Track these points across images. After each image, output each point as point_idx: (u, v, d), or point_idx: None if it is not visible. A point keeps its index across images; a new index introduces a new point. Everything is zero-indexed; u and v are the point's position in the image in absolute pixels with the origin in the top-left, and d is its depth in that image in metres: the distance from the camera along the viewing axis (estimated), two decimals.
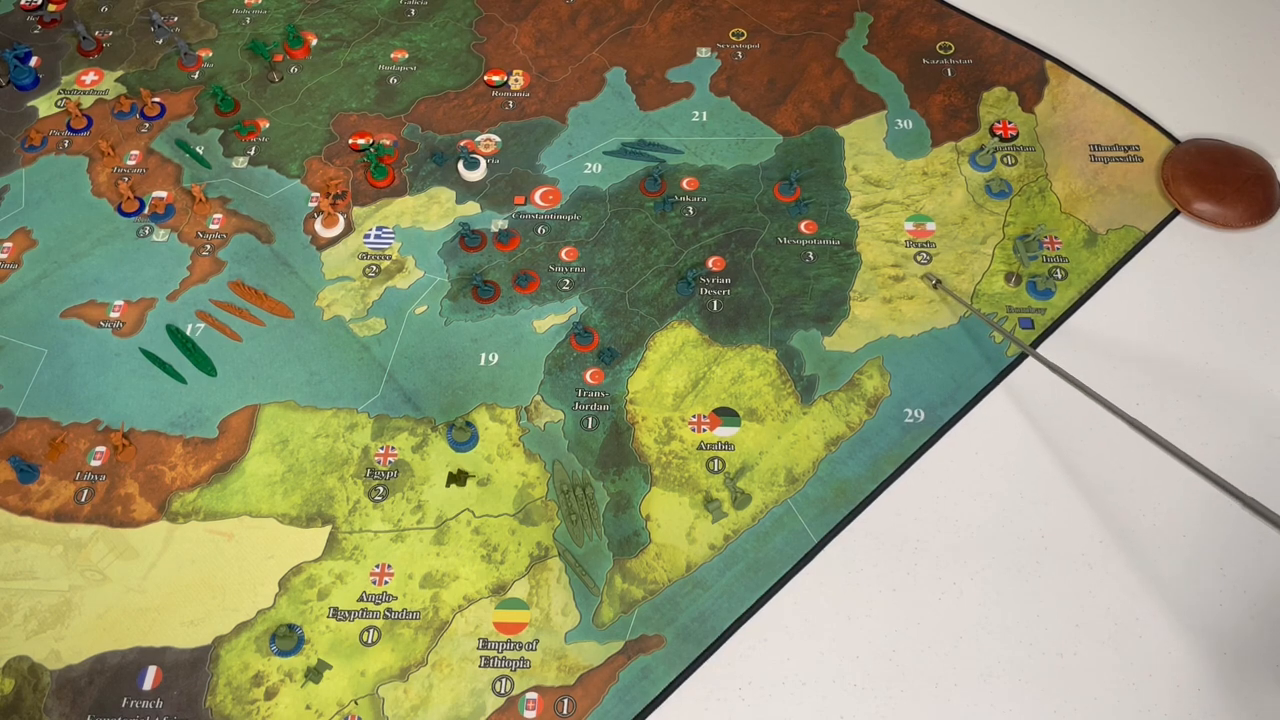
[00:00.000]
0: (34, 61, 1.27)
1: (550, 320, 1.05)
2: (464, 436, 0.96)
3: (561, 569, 0.91)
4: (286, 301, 1.07)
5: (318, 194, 1.14)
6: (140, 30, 1.30)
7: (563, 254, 1.10)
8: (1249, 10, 1.28)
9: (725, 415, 0.99)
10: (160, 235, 1.12)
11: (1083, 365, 1.01)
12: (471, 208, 1.13)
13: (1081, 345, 1.02)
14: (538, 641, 0.87)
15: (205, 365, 1.03)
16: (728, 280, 1.07)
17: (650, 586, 0.90)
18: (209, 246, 1.11)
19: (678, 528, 0.93)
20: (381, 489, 0.95)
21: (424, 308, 1.06)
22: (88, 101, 1.23)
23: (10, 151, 1.18)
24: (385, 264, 1.09)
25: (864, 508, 0.93)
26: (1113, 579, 0.89)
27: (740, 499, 0.94)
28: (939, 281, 1.01)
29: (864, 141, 1.17)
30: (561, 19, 1.30)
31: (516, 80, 1.24)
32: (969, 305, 1.01)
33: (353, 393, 1.01)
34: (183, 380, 1.02)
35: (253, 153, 1.18)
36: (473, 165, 1.15)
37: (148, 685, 0.86)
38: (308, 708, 0.85)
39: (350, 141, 1.19)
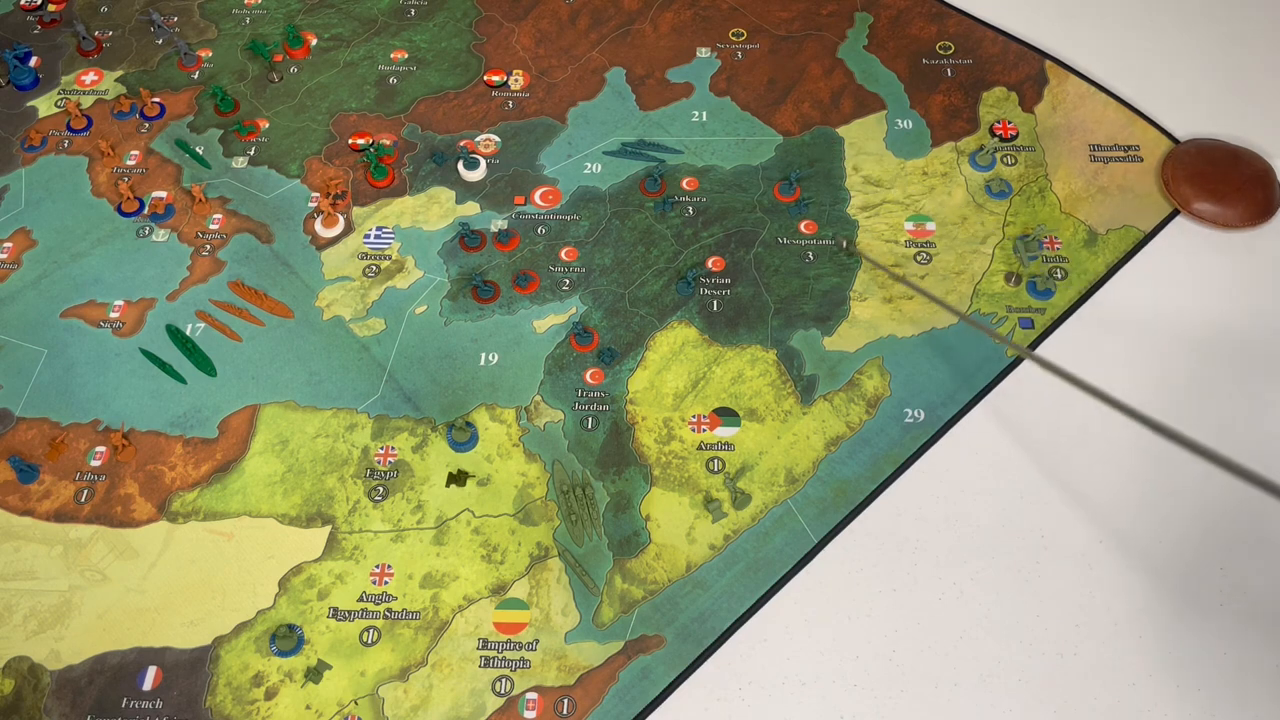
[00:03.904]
0: (34, 61, 1.27)
1: (550, 320, 1.05)
2: (464, 436, 0.96)
3: (561, 569, 0.91)
4: (286, 301, 1.07)
5: (318, 194, 1.14)
6: (140, 30, 1.30)
7: (563, 254, 1.10)
8: (1249, 11, 1.28)
9: (725, 415, 0.99)
10: (160, 235, 1.12)
11: (1082, 365, 1.01)
12: (471, 208, 1.14)
13: (1081, 345, 1.02)
14: (538, 641, 0.87)
15: (205, 365, 1.03)
16: (728, 280, 1.07)
17: (650, 586, 0.90)
18: (209, 246, 1.11)
19: (678, 528, 0.93)
20: (381, 489, 0.95)
21: (424, 308, 1.06)
22: (88, 101, 1.23)
23: (10, 151, 1.18)
24: (385, 264, 1.09)
25: (864, 508, 0.93)
26: (1113, 579, 0.89)
27: (740, 499, 0.94)
28: (849, 242, 1.01)
29: (864, 141, 1.17)
30: (561, 19, 1.30)
31: (516, 80, 1.24)
32: (894, 274, 1.01)
33: (353, 393, 1.01)
34: (183, 380, 1.02)
35: (253, 153, 1.18)
36: (473, 165, 1.15)
37: (148, 685, 0.86)
38: (308, 708, 0.85)
39: (350, 141, 1.19)
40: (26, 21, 1.32)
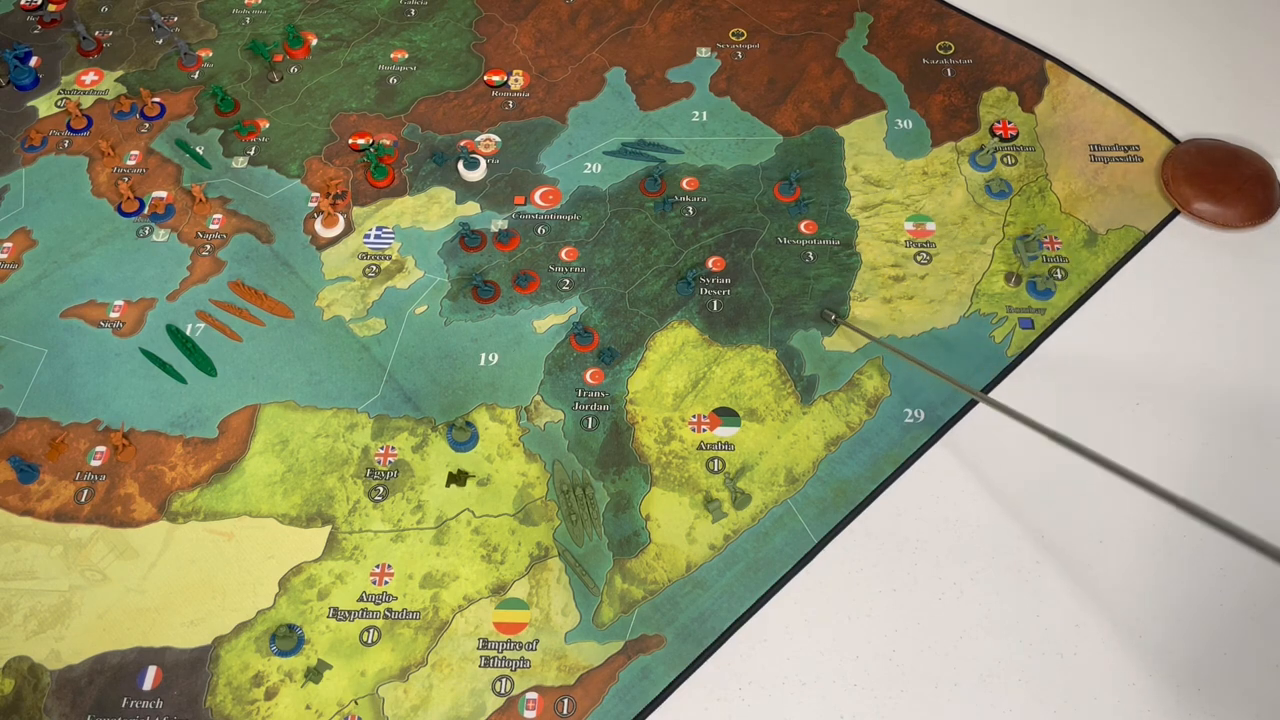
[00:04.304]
0: (34, 61, 1.27)
1: (550, 320, 1.05)
2: (464, 436, 0.96)
3: (561, 569, 0.91)
4: (286, 301, 1.07)
5: (318, 194, 1.14)
6: (140, 30, 1.30)
7: (563, 254, 1.10)
8: (1249, 10, 1.28)
9: (725, 415, 0.99)
10: (160, 235, 1.12)
11: (1082, 365, 1.01)
12: (471, 208, 1.14)
13: (1082, 345, 1.02)
14: (538, 641, 0.87)
15: (205, 365, 1.03)
16: (728, 280, 1.07)
17: (650, 586, 0.90)
18: (209, 246, 1.11)
19: (678, 528, 0.93)
20: (381, 489, 0.95)
21: (424, 308, 1.06)
22: (88, 101, 1.23)
23: (10, 151, 1.18)
24: (385, 264, 1.09)
25: (864, 508, 0.93)
26: (1113, 579, 0.89)
27: (740, 499, 0.94)
28: (836, 316, 1.02)
29: (864, 141, 1.17)
30: (561, 19, 1.30)
31: (516, 80, 1.24)
32: (876, 339, 1.01)
33: (353, 393, 1.01)
34: (183, 380, 1.02)
35: (253, 153, 1.18)
36: (473, 165, 1.15)
37: (148, 685, 0.86)
38: (308, 708, 0.85)
39: (350, 141, 1.19)
40: (26, 21, 1.32)
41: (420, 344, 1.04)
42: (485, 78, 1.24)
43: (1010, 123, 1.17)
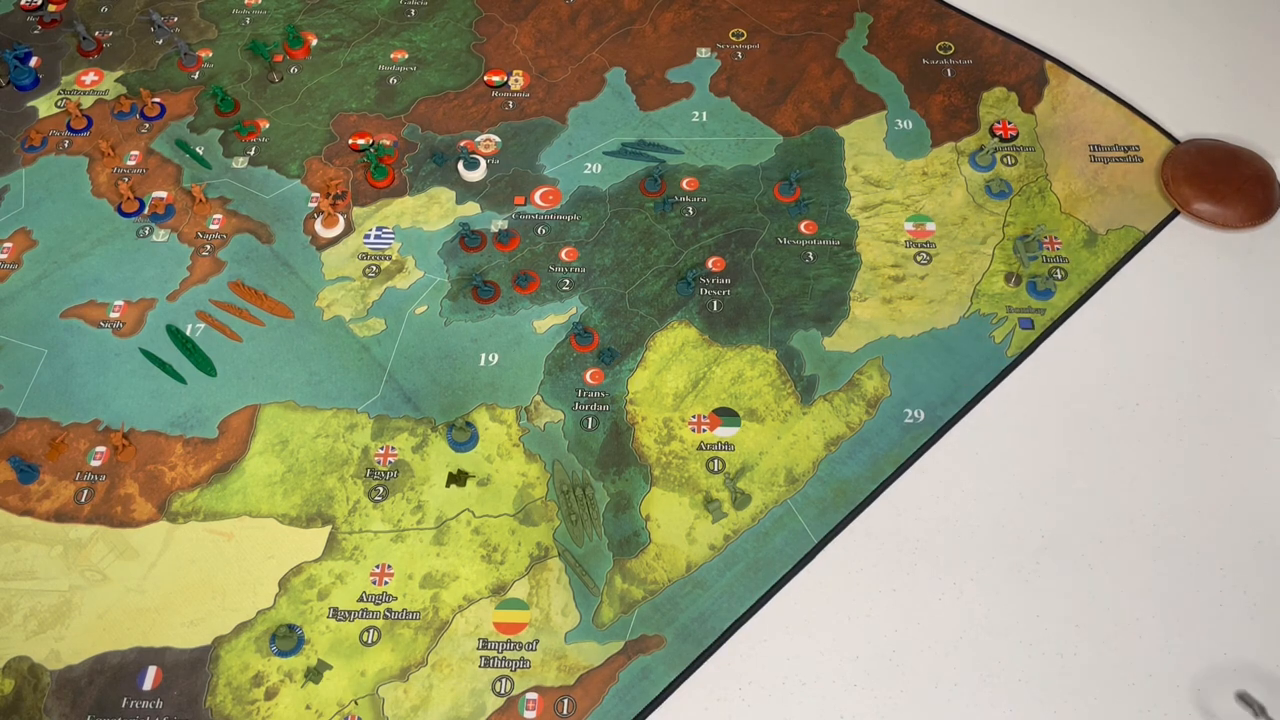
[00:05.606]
0: (34, 61, 1.27)
1: (550, 320, 1.05)
2: (464, 436, 0.96)
3: (561, 569, 0.91)
4: (286, 302, 1.07)
5: (318, 194, 1.14)
6: (140, 30, 1.30)
7: (563, 254, 1.10)
8: (1248, 10, 1.28)
9: (725, 415, 0.99)
10: (160, 235, 1.12)
11: (1082, 365, 1.01)
12: (471, 208, 1.14)
13: (1081, 345, 1.02)
14: (538, 641, 0.87)
15: (205, 365, 1.03)
16: (728, 280, 1.07)
17: (650, 586, 0.90)
18: (209, 246, 1.11)
19: (678, 528, 0.93)
20: (381, 489, 0.95)
21: (424, 308, 1.06)
22: (88, 102, 1.23)
23: (10, 151, 1.18)
24: (385, 264, 1.09)
25: (864, 508, 0.93)
26: (1113, 579, 0.89)
27: (740, 499, 0.94)
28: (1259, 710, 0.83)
29: (864, 141, 1.17)
30: (561, 19, 1.30)
31: (516, 80, 1.24)
32: None
33: (353, 393, 1.01)
34: (183, 380, 1.02)
35: (253, 153, 1.18)
36: (473, 165, 1.15)
37: (148, 685, 0.86)
38: (308, 708, 0.85)
39: (350, 141, 1.19)
40: (26, 21, 1.32)
41: (420, 344, 1.04)
42: (485, 78, 1.24)
43: (1010, 123, 1.17)
